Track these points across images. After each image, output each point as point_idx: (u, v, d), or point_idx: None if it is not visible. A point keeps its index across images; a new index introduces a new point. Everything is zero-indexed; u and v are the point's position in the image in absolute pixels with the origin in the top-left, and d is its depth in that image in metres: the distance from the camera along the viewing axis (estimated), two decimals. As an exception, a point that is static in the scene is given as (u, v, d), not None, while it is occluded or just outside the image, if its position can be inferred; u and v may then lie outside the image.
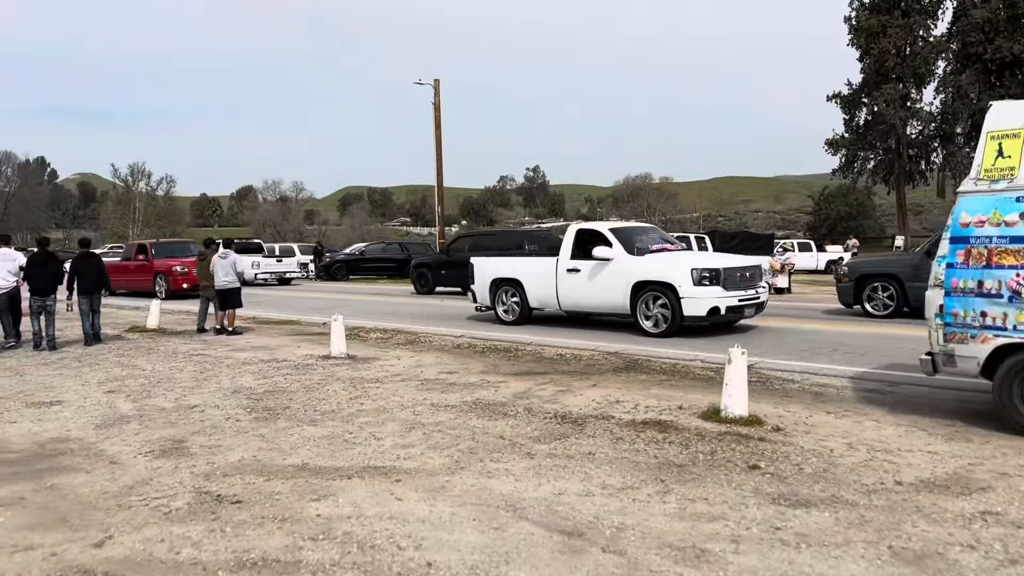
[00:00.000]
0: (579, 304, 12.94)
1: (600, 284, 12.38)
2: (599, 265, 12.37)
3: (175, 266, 22.11)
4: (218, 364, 9.79)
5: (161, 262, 22.59)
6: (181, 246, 24.97)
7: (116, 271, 22.91)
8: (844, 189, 70.18)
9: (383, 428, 6.28)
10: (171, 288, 21.80)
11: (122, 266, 23.75)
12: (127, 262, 24.06)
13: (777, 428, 6.15)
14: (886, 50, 42.94)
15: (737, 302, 11.70)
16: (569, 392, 7.73)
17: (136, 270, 23.12)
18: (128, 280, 23.17)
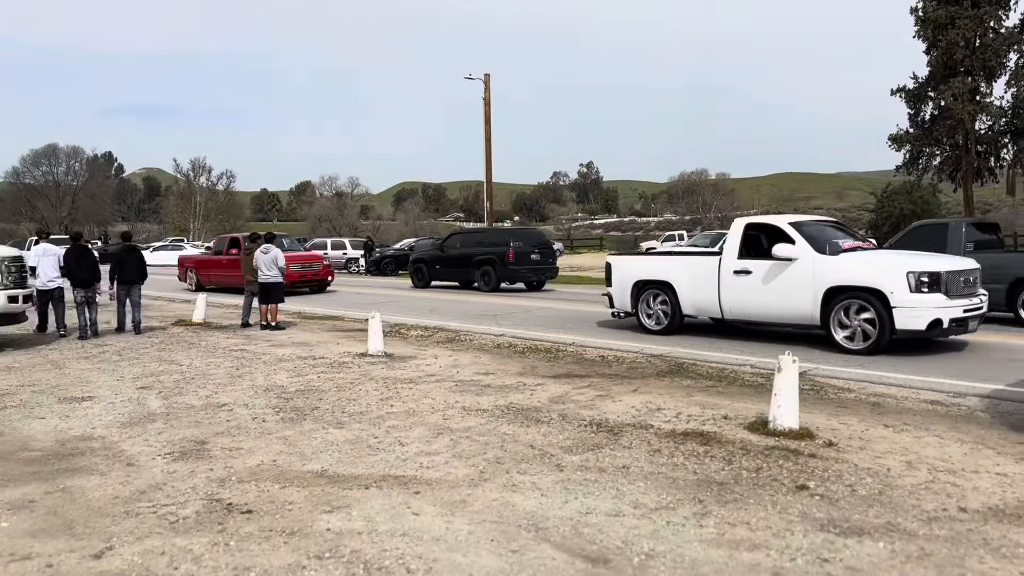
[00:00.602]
0: (748, 312, 10.90)
1: (779, 289, 10.39)
2: (777, 266, 10.41)
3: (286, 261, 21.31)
4: (255, 360, 9.69)
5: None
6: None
7: (207, 266, 22.89)
8: (908, 186, 67.83)
9: (410, 433, 6.03)
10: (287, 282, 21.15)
11: (213, 261, 22.95)
12: (218, 256, 22.91)
13: (829, 443, 5.71)
14: (954, 42, 41.22)
15: (962, 313, 9.64)
16: (608, 397, 7.38)
17: (228, 265, 21.75)
18: (219, 276, 22.31)
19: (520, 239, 22.82)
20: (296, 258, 21.40)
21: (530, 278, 22.54)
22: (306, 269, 21.81)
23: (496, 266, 22.05)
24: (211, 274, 22.62)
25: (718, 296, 11.10)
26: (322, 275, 22.32)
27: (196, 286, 22.36)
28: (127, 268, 13.07)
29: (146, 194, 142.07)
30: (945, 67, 42.22)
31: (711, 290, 11.20)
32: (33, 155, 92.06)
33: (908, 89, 44.54)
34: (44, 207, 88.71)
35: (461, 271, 23.24)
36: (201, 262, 23.65)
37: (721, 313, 11.17)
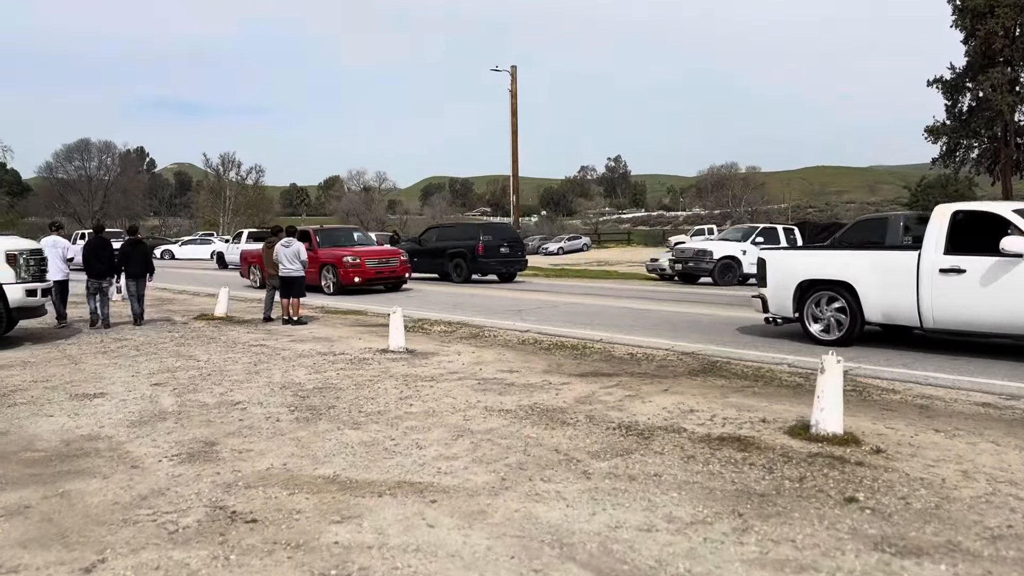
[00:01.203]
0: (962, 319, 8.92)
1: (1006, 293, 8.52)
2: (1003, 264, 8.54)
3: (346, 256, 19.15)
4: (274, 356, 9.45)
5: (327, 252, 19.63)
6: (346, 234, 22.07)
7: None
8: (943, 180, 66.63)
9: (428, 435, 5.72)
10: (341, 282, 19.07)
11: None
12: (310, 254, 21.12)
13: (877, 449, 5.32)
14: (993, 31, 40.12)
15: None
16: (637, 398, 7.02)
17: (313, 264, 19.10)
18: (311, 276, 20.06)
19: (490, 233, 24.18)
20: (372, 253, 19.89)
21: (499, 270, 23.75)
22: (383, 265, 19.63)
23: (467, 259, 23.40)
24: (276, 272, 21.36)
25: (917, 301, 9.18)
26: (399, 271, 20.19)
27: (261, 283, 20.21)
28: (132, 262, 13.44)
29: (177, 189, 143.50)
30: (984, 57, 41.15)
31: (907, 293, 9.27)
32: (66, 150, 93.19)
33: (945, 80, 43.48)
34: (76, 201, 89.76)
35: (437, 263, 24.31)
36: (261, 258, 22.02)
37: (921, 321, 9.25)
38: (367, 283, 18.89)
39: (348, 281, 18.88)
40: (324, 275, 19.30)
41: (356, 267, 19.02)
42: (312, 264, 17.65)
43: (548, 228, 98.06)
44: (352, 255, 19.24)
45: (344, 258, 19.13)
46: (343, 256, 19.22)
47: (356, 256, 19.26)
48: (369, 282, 19.10)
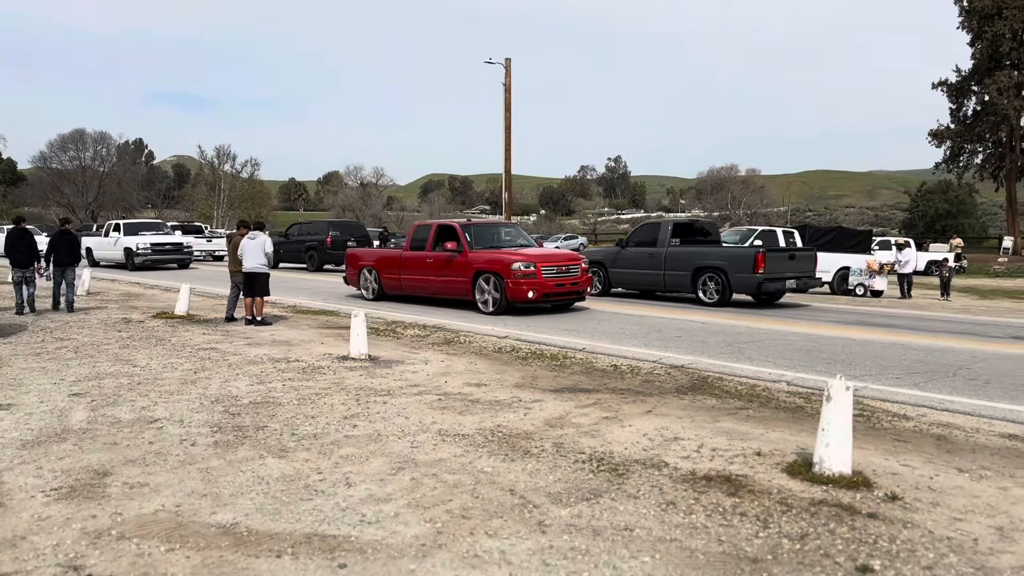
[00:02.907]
0: None
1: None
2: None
3: (515, 262, 13.53)
4: (220, 362, 8.57)
5: (484, 256, 14.09)
6: (494, 231, 15.89)
7: (407, 266, 15.44)
8: (944, 185, 65.73)
9: (364, 467, 4.85)
10: (507, 298, 13.47)
11: (416, 259, 15.32)
12: (420, 253, 15.28)
13: (892, 496, 4.45)
14: (1001, 34, 39.25)
15: None
16: (615, 420, 6.16)
17: (441, 267, 14.69)
18: (424, 281, 15.12)
19: (339, 229, 28.03)
20: (549, 258, 14.19)
21: None
22: (564, 275, 14.00)
23: (318, 250, 27.12)
24: (409, 277, 15.47)
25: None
26: (582, 284, 14.49)
27: (376, 293, 16.21)
28: (60, 251, 14.08)
29: (176, 181, 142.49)
30: (990, 60, 40.35)
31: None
32: (60, 140, 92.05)
33: (950, 83, 42.67)
34: (71, 192, 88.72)
35: (297, 253, 28.12)
36: (389, 260, 16.16)
37: None
38: (544, 299, 13.70)
39: (519, 296, 13.42)
40: (479, 287, 13.91)
41: (530, 278, 13.42)
42: (458, 271, 14.20)
43: (546, 227, 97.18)
44: (523, 259, 13.62)
45: (513, 264, 13.48)
46: (511, 261, 13.56)
47: (529, 261, 13.59)
48: (547, 298, 13.77)
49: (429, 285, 14.98)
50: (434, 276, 14.78)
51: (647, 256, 17.25)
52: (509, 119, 29.79)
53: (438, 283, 14.74)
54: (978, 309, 17.47)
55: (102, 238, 29.27)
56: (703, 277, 16.10)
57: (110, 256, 28.26)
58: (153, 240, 27.41)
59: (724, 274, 15.76)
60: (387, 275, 15.94)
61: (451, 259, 14.43)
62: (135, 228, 28.50)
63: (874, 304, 18.05)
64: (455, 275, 14.29)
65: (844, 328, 12.41)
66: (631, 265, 17.65)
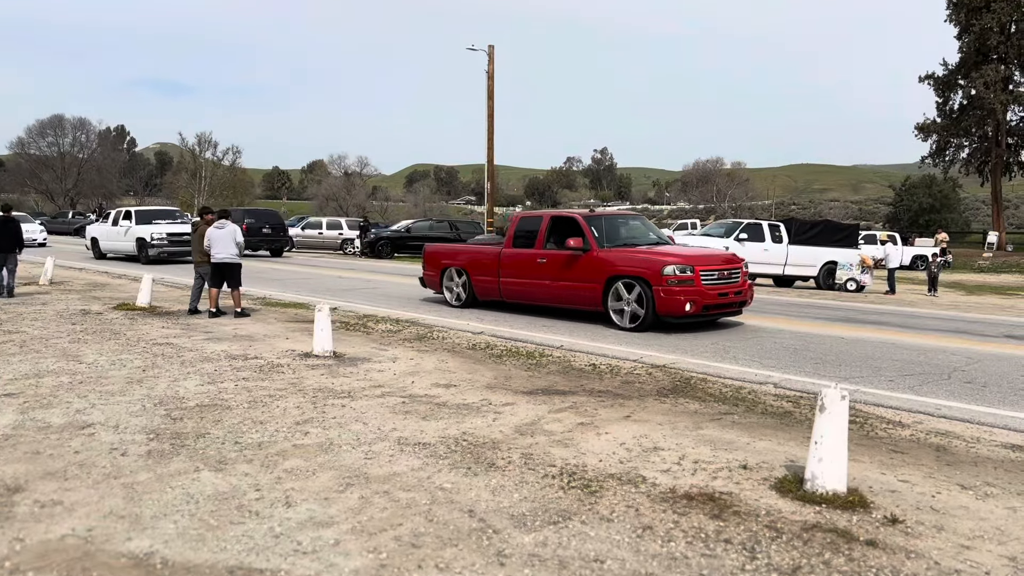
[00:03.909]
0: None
1: None
2: None
3: (666, 263, 10.50)
4: (173, 359, 8.05)
5: (621, 255, 11.14)
6: (623, 223, 12.65)
7: (510, 268, 12.56)
8: (928, 180, 65.87)
9: (309, 483, 4.37)
10: (657, 310, 10.47)
11: (521, 259, 12.39)
12: (527, 251, 12.36)
13: (892, 519, 4.02)
14: (988, 27, 39.07)
15: None
16: (591, 427, 5.70)
17: (558, 269, 11.74)
18: (534, 286, 12.19)
19: (254, 217, 29.00)
20: (706, 260, 11.06)
21: (261, 247, 28.62)
22: (726, 282, 11.02)
23: None
24: (513, 281, 12.53)
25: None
26: (746, 291, 11.53)
27: (465, 299, 13.36)
28: (2, 238, 14.13)
29: (158, 168, 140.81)
30: (977, 53, 40.19)
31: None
32: (39, 126, 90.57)
33: (937, 76, 42.48)
34: (49, 179, 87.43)
35: None
36: (484, 259, 13.10)
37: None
38: (703, 312, 10.64)
39: (673, 309, 10.41)
40: (616, 295, 10.94)
41: (687, 285, 10.43)
42: (584, 274, 11.33)
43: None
44: (678, 261, 10.63)
45: (665, 267, 10.45)
46: (662, 263, 10.55)
47: (685, 264, 10.59)
48: (706, 311, 10.74)
49: (540, 291, 12.09)
50: (548, 280, 11.87)
51: None
52: (492, 107, 29.22)
53: (554, 289, 11.82)
54: (967, 305, 17.16)
55: (109, 227, 25.55)
56: None
57: (119, 248, 24.85)
58: (170, 229, 23.74)
59: None
60: (480, 277, 13.10)
61: (573, 259, 11.46)
62: (148, 216, 25.11)
63: (861, 300, 17.71)
64: (579, 279, 11.37)
65: (832, 325, 12.03)
66: None
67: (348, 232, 34.53)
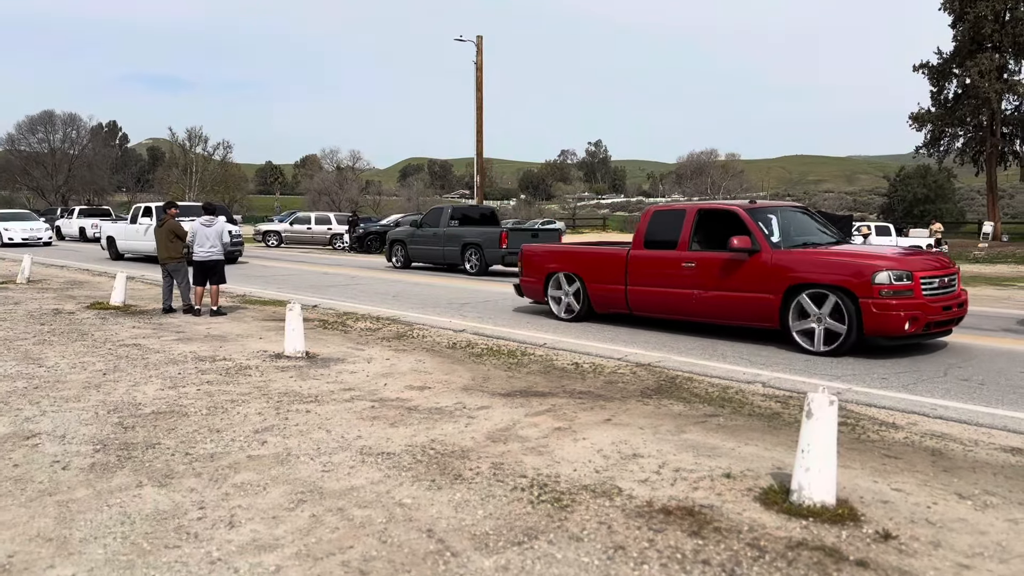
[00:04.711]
0: None
1: None
2: None
3: (879, 268, 8.27)
4: (138, 362, 7.73)
5: (804, 257, 8.85)
6: (791, 218, 10.14)
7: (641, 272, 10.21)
8: (922, 170, 65.64)
9: (258, 499, 4.06)
10: (866, 328, 8.24)
11: (658, 262, 10.03)
12: (665, 253, 9.99)
13: (885, 535, 3.73)
14: (982, 15, 38.78)
15: None
16: (569, 432, 5.40)
17: (714, 275, 9.40)
18: (679, 297, 9.78)
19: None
20: (923, 265, 8.74)
21: None
22: (947, 292, 8.78)
23: None
24: (645, 290, 10.21)
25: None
26: (965, 305, 9.19)
27: (579, 312, 11.00)
28: None
29: (149, 164, 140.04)
30: (972, 42, 39.88)
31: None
32: (29, 122, 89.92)
33: (932, 65, 42.20)
34: (40, 175, 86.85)
35: None
36: (604, 262, 10.80)
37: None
38: (925, 331, 8.41)
39: (888, 327, 8.19)
40: (802, 309, 8.63)
41: (904, 297, 8.22)
42: (753, 282, 9.01)
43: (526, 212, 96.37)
44: (893, 266, 8.39)
45: (877, 275, 8.22)
46: (870, 269, 8.30)
47: (901, 269, 8.36)
48: (930, 327, 8.47)
49: (686, 303, 9.69)
50: (697, 289, 9.53)
51: (432, 235, 21.06)
52: (481, 99, 28.85)
53: (707, 301, 9.45)
54: (961, 297, 16.87)
55: (127, 225, 23.15)
56: (468, 252, 19.95)
57: (139, 248, 22.24)
58: None
59: (481, 249, 19.61)
60: (599, 285, 10.73)
61: (735, 264, 9.16)
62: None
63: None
64: (744, 289, 9.08)
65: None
66: (423, 243, 21.29)
67: (337, 227, 34.15)
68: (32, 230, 31.91)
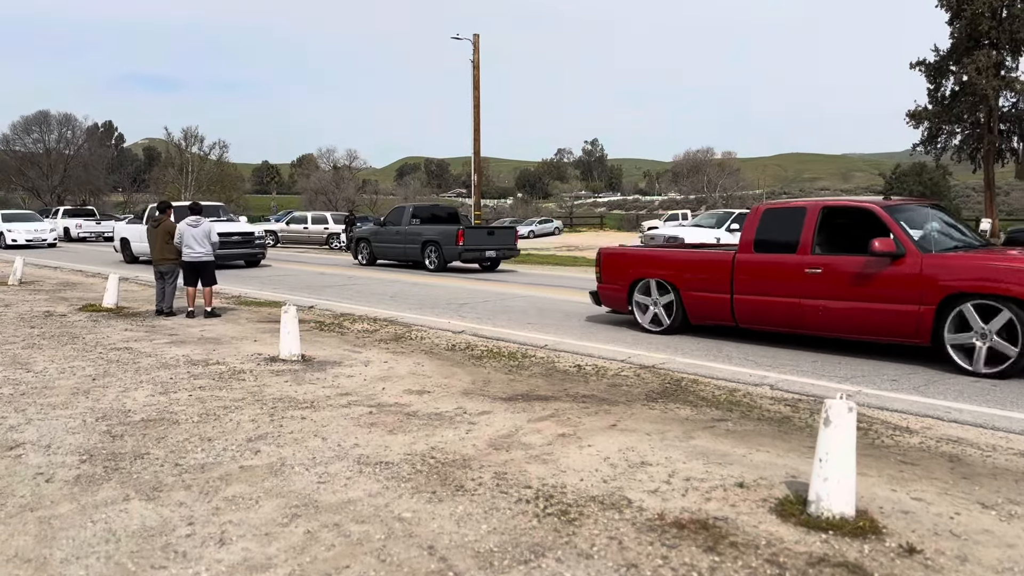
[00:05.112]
0: None
1: None
2: None
3: None
4: (129, 366, 7.52)
5: (960, 263, 7.60)
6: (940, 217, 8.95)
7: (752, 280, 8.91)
8: (918, 168, 65.55)
9: (250, 514, 3.87)
10: None
11: (774, 268, 8.74)
12: (782, 257, 8.70)
13: (910, 548, 3.55)
14: (980, 12, 38.56)
15: None
16: (573, 439, 5.22)
17: (846, 283, 8.13)
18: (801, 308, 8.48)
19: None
20: None
21: None
22: None
23: None
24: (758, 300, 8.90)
25: None
26: None
27: (672, 323, 9.71)
28: None
29: (145, 164, 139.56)
30: (969, 39, 39.66)
31: None
32: (24, 122, 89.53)
33: (928, 62, 41.99)
34: (35, 175, 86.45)
35: None
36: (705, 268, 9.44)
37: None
38: None
39: None
40: (956, 323, 7.48)
41: None
42: (895, 292, 7.80)
43: (523, 210, 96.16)
44: None
45: None
46: None
47: None
48: None
49: (812, 315, 8.43)
50: (824, 299, 8.30)
51: (395, 233, 21.80)
52: (478, 97, 28.63)
53: (838, 313, 8.23)
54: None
55: (142, 226, 20.67)
56: (428, 249, 20.56)
57: None
58: (221, 228, 18.68)
59: (439, 246, 20.22)
60: (698, 293, 9.44)
61: (875, 270, 7.98)
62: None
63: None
64: (887, 298, 7.87)
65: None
66: (387, 240, 22.01)
67: (334, 227, 33.93)
68: (36, 231, 31.20)
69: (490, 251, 20.57)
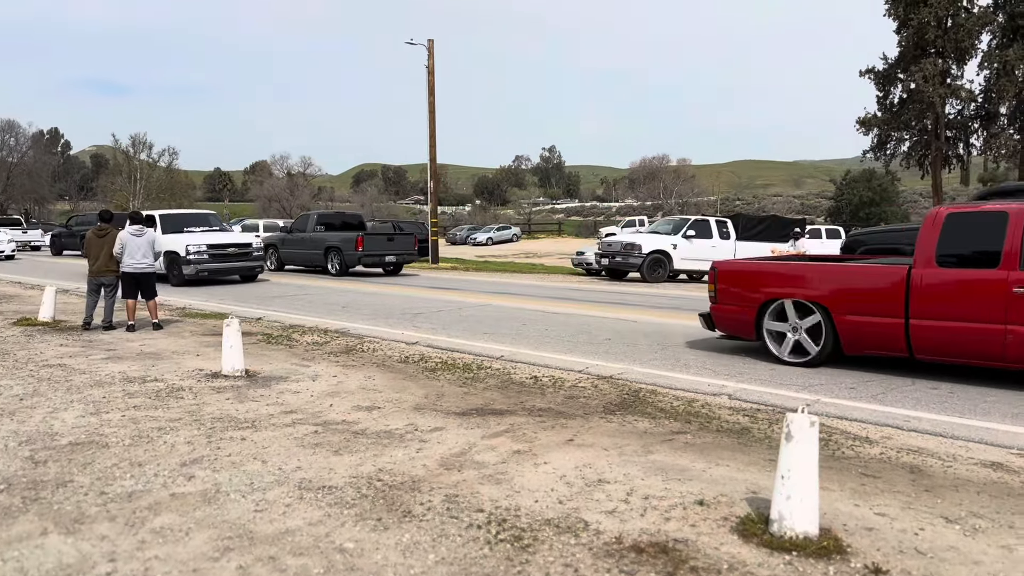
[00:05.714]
0: None
1: None
2: None
3: None
4: (60, 384, 7.12)
5: None
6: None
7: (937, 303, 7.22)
8: (867, 174, 66.88)
9: (178, 548, 3.58)
10: None
11: (968, 284, 7.09)
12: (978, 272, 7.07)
13: (876, 569, 3.40)
14: (926, 22, 39.49)
15: None
16: (529, 456, 5.01)
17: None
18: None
19: None
20: None
21: None
22: None
23: None
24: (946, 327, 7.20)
25: None
26: None
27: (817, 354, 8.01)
28: None
29: (93, 172, 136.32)
30: (916, 47, 40.60)
31: None
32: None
33: (878, 70, 42.87)
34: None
35: None
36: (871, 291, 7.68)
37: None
38: None
39: None
40: None
41: None
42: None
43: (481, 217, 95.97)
44: None
45: None
46: None
47: None
48: None
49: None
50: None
51: (300, 239, 22.74)
52: (433, 103, 28.34)
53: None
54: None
55: None
56: (330, 254, 21.51)
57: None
58: (211, 240, 18.19)
59: (341, 252, 21.19)
60: (858, 318, 7.73)
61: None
62: (178, 222, 18.71)
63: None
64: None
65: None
66: (293, 246, 22.92)
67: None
68: None
69: (390, 256, 22.25)
